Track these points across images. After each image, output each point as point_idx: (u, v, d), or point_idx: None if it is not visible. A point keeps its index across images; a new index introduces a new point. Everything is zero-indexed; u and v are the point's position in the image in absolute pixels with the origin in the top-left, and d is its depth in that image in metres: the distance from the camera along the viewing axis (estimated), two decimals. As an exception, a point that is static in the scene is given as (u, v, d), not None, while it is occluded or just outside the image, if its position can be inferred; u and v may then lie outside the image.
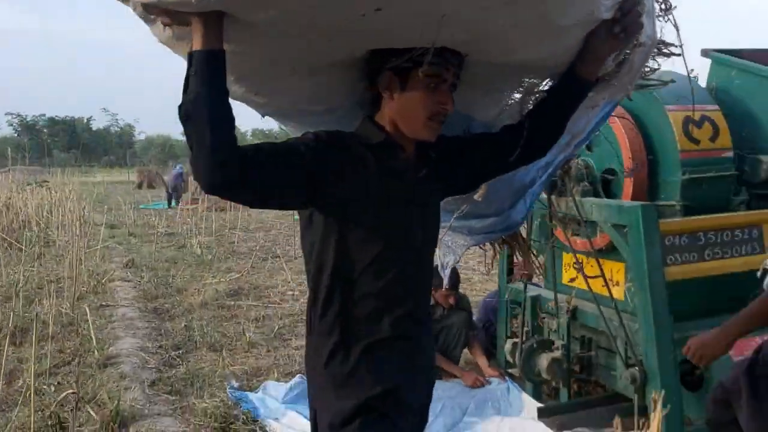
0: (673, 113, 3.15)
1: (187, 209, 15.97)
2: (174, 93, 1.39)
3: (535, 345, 3.47)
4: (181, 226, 13.13)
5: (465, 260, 9.29)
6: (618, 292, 3.24)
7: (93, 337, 5.08)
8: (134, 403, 3.87)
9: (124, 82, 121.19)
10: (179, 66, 1.46)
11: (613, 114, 3.24)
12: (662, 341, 2.87)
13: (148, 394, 4.09)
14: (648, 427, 1.92)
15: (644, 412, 2.76)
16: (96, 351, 4.87)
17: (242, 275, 8.02)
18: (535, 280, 4.28)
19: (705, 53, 3.52)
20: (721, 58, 3.42)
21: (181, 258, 9.47)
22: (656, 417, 1.87)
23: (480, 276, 7.79)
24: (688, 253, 3.05)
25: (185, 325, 5.70)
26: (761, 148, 3.21)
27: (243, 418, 3.67)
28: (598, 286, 3.29)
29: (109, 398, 3.83)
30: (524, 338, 3.60)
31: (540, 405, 3.61)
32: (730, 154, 3.19)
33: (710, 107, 3.23)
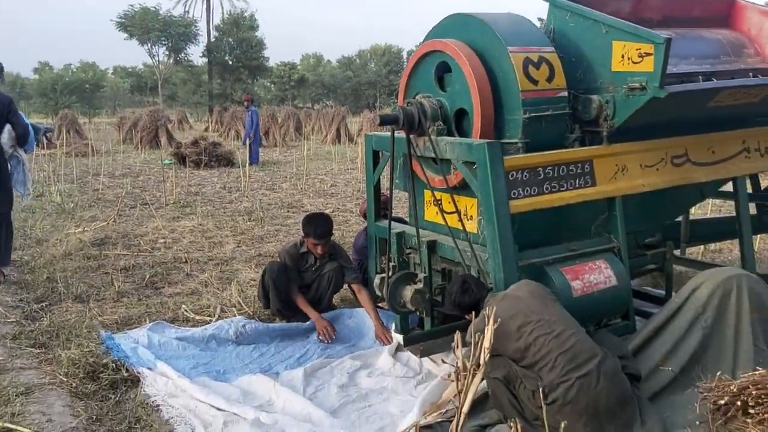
0: (514, 54, 3.31)
1: (44, 155, 14.85)
2: (31, 27, 1.30)
3: (399, 278, 3.67)
4: (38, 173, 12.23)
5: (342, 203, 9.46)
6: (472, 226, 3.47)
7: (-56, 294, 4.79)
8: (-6, 358, 3.73)
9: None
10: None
11: (462, 54, 3.39)
12: (508, 268, 3.14)
13: (10, 348, 3.95)
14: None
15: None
16: (-52, 307, 4.61)
17: (108, 223, 7.71)
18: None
19: (544, -5, 3.67)
20: (557, 1, 3.58)
21: (39, 207, 8.91)
22: (489, 330, 2.14)
23: (356, 218, 7.95)
24: (529, 187, 3.30)
25: (47, 277, 5.46)
26: (592, 89, 3.43)
27: (112, 366, 3.64)
28: (454, 221, 3.51)
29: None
30: (391, 273, 3.77)
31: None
32: (565, 93, 3.41)
33: (547, 49, 3.42)
